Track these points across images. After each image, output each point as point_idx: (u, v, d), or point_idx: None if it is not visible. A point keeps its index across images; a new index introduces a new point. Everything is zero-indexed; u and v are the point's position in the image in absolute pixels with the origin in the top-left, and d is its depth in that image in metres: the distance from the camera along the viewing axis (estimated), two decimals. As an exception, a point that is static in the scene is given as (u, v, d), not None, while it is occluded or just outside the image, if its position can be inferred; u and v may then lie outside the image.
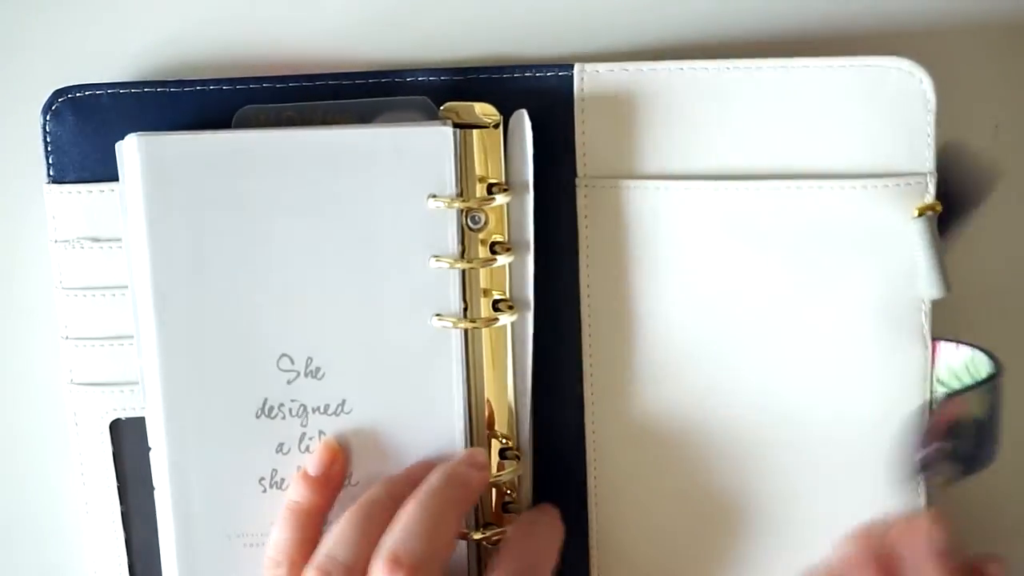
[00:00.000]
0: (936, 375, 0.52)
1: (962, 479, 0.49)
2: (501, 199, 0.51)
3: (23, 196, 0.55)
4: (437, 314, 0.51)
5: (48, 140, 0.52)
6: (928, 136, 0.51)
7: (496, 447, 0.52)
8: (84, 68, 0.54)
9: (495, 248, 0.51)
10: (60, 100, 0.52)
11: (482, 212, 0.51)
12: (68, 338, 0.53)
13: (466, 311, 0.51)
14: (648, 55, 0.53)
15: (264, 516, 0.51)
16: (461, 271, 0.51)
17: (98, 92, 0.52)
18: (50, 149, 0.52)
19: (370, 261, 0.51)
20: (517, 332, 0.52)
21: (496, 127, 0.51)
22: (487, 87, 0.52)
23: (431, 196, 0.50)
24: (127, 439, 0.54)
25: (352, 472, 0.52)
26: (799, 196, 0.51)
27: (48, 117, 0.52)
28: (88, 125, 0.52)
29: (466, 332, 0.51)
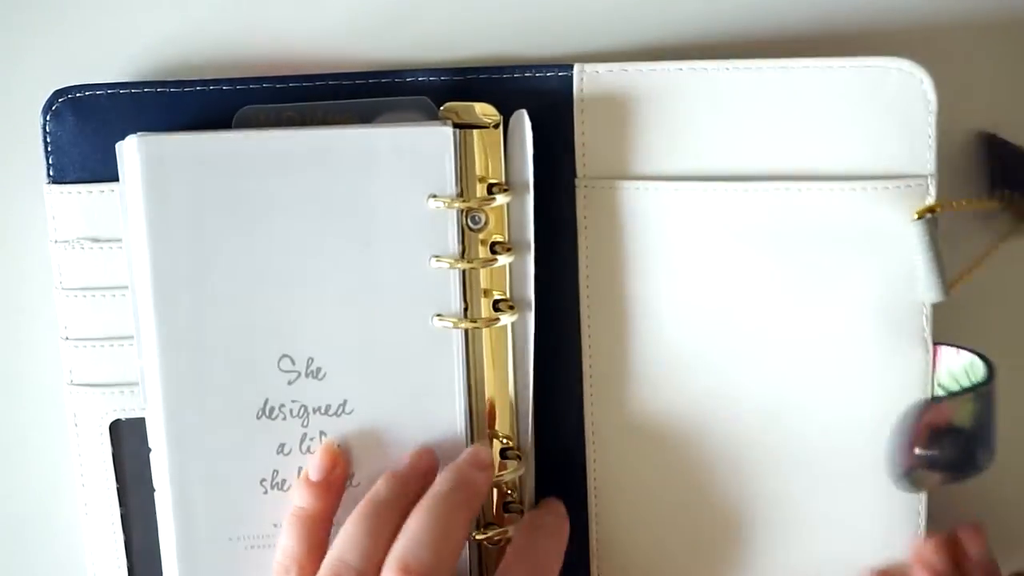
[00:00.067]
0: (937, 379, 0.52)
1: (952, 484, 0.49)
2: (501, 199, 0.51)
3: (23, 196, 0.54)
4: (438, 314, 0.51)
5: (48, 140, 0.52)
6: (929, 137, 0.51)
7: (497, 447, 0.52)
8: (84, 68, 0.54)
9: (495, 248, 0.51)
10: (60, 100, 0.52)
11: (482, 212, 0.51)
12: (68, 339, 0.53)
13: (466, 311, 0.51)
14: (648, 55, 0.53)
15: (265, 517, 0.51)
16: (461, 271, 0.51)
17: (98, 92, 0.52)
18: (50, 149, 0.52)
19: (370, 261, 0.51)
20: (518, 332, 0.52)
21: (496, 127, 0.51)
22: (487, 87, 0.52)
23: (431, 196, 0.50)
24: (127, 440, 0.54)
25: (354, 473, 0.51)
26: (799, 197, 0.51)
27: (48, 117, 0.52)
28: (88, 125, 0.52)
29: (467, 332, 0.51)
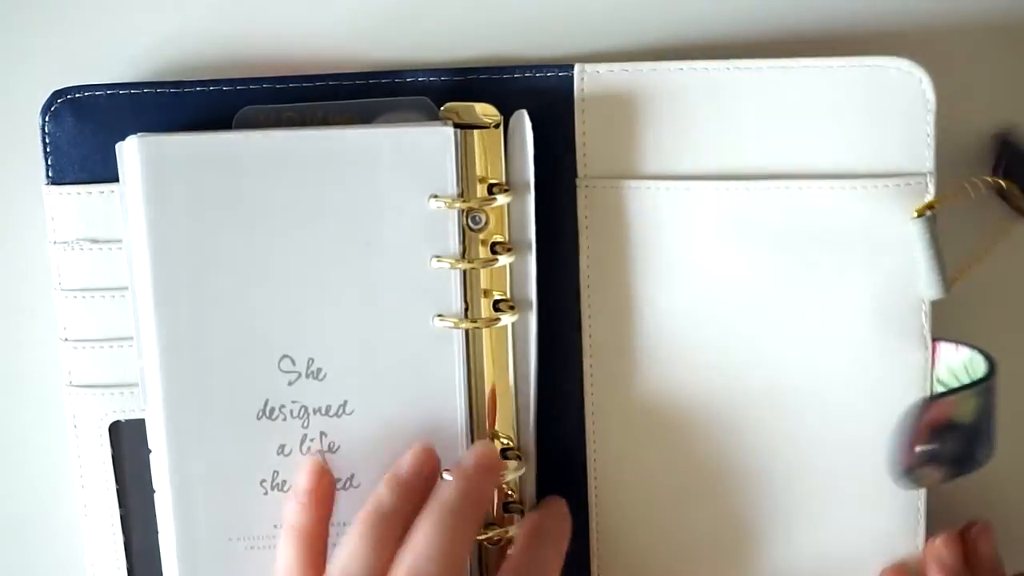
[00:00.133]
0: (936, 375, 0.52)
1: (953, 480, 0.49)
2: (502, 199, 0.51)
3: (22, 197, 0.54)
4: (438, 314, 0.51)
5: (47, 141, 0.52)
6: (928, 136, 0.51)
7: (498, 447, 0.52)
8: (83, 69, 0.53)
9: (496, 248, 0.51)
10: (59, 101, 0.52)
11: (483, 212, 0.51)
12: (67, 340, 0.53)
13: (467, 311, 0.51)
14: (648, 56, 0.53)
15: (266, 518, 0.51)
16: (462, 271, 0.51)
17: (97, 93, 0.52)
18: (49, 150, 0.52)
19: (371, 262, 0.51)
20: (519, 332, 0.52)
21: (496, 127, 0.51)
22: (487, 87, 0.52)
23: (432, 196, 0.50)
24: (126, 441, 0.53)
25: (354, 474, 0.51)
26: (799, 196, 0.51)
27: (47, 118, 0.52)
28: (87, 126, 0.52)
29: (467, 332, 0.51)
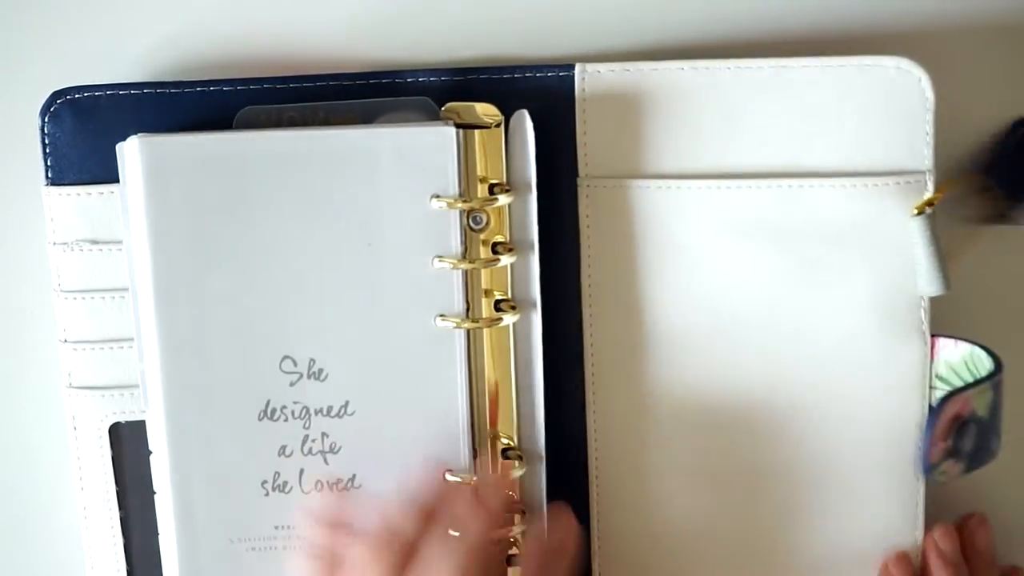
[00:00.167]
0: (935, 371, 0.52)
1: (970, 472, 0.50)
2: (504, 199, 0.51)
3: (21, 198, 0.54)
4: (440, 315, 0.51)
5: (46, 142, 0.52)
6: (927, 134, 0.51)
7: (498, 447, 0.52)
8: (83, 69, 0.53)
9: (497, 248, 0.51)
10: (59, 102, 0.51)
11: (484, 212, 0.51)
12: (67, 341, 0.53)
13: (468, 311, 0.51)
14: (649, 55, 0.53)
15: (267, 519, 0.51)
16: (463, 272, 0.51)
17: (97, 93, 0.51)
18: (48, 151, 0.52)
19: (372, 262, 0.51)
20: (523, 332, 0.52)
21: (497, 127, 0.51)
22: (488, 87, 0.52)
23: (434, 196, 0.50)
24: (126, 443, 0.53)
25: (355, 474, 0.51)
26: (799, 194, 0.51)
27: (46, 119, 0.51)
28: (87, 127, 0.52)
29: (468, 333, 0.51)
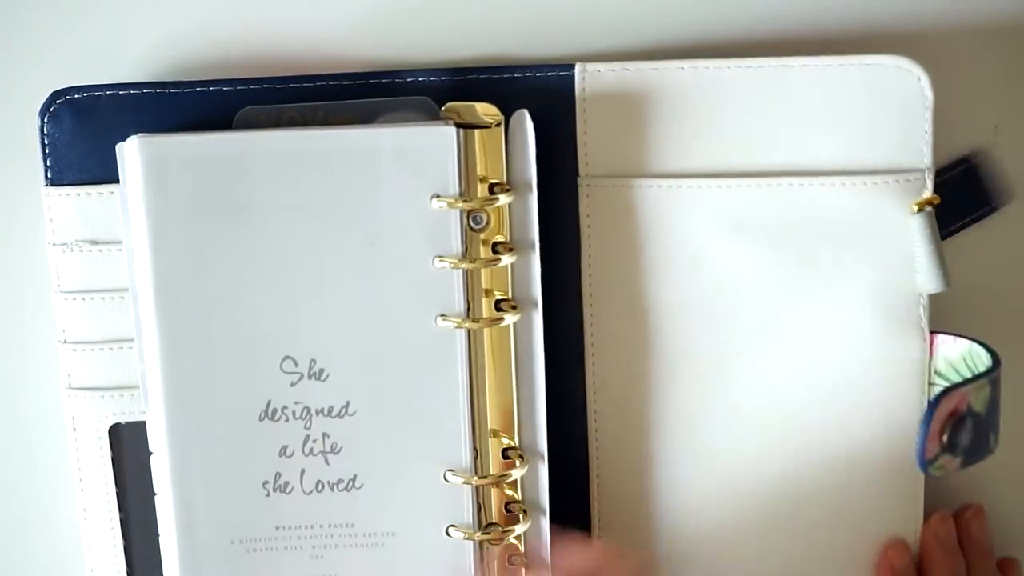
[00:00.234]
0: (934, 367, 0.52)
1: (967, 467, 0.50)
2: (504, 199, 0.51)
3: (21, 199, 0.54)
4: (441, 315, 0.51)
5: (46, 142, 0.52)
6: (926, 132, 0.51)
7: (499, 447, 0.52)
8: (83, 69, 0.53)
9: (497, 248, 0.51)
10: (58, 102, 0.51)
11: (484, 212, 0.51)
12: (66, 342, 0.53)
13: (469, 311, 0.51)
14: (649, 55, 0.53)
15: (268, 520, 0.51)
16: (464, 271, 0.51)
17: (96, 94, 0.51)
18: (48, 151, 0.52)
19: (373, 262, 0.51)
20: (524, 332, 0.52)
21: (497, 127, 0.51)
22: (488, 87, 0.52)
23: (434, 196, 0.50)
24: (126, 444, 0.53)
25: (357, 475, 0.51)
26: (800, 193, 0.51)
27: (46, 119, 0.51)
28: (86, 127, 0.51)
29: (469, 332, 0.51)
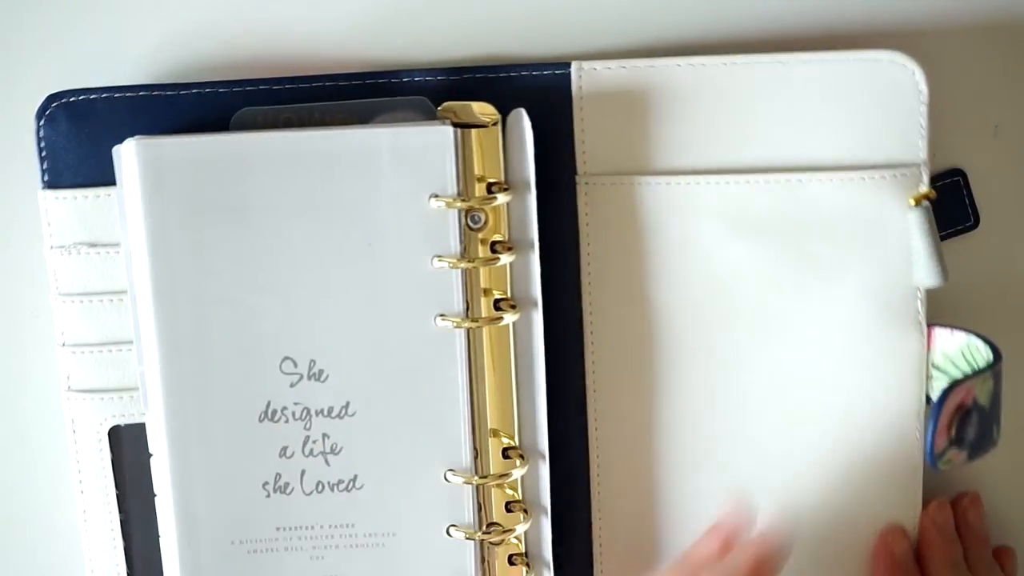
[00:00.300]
0: (932, 360, 0.52)
1: (972, 460, 0.50)
2: (502, 198, 0.51)
3: (18, 202, 0.54)
4: (440, 314, 0.51)
5: (42, 145, 0.52)
6: (921, 127, 0.51)
7: (499, 446, 0.52)
8: (79, 72, 0.53)
9: (496, 247, 0.51)
10: (54, 105, 0.51)
11: (482, 211, 0.51)
12: (65, 345, 0.53)
13: (468, 311, 0.51)
14: (645, 53, 0.53)
15: (268, 521, 0.51)
16: (462, 271, 0.51)
17: (92, 96, 0.51)
18: (44, 154, 0.52)
19: (371, 262, 0.51)
20: (523, 331, 0.52)
21: (495, 126, 0.51)
22: (485, 86, 0.52)
23: (432, 196, 0.50)
24: (126, 446, 0.53)
25: (357, 475, 0.51)
26: (798, 188, 0.52)
27: (42, 122, 0.51)
28: (83, 130, 0.51)
29: (468, 332, 0.51)
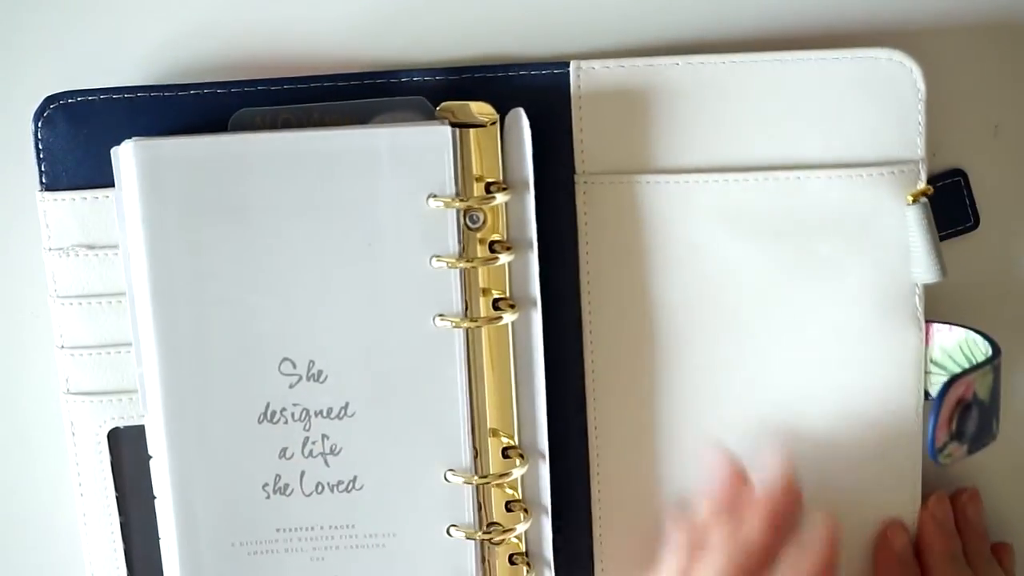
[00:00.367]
0: (930, 356, 0.53)
1: (972, 454, 0.50)
2: (501, 198, 0.51)
3: (16, 204, 0.54)
4: (439, 314, 0.51)
5: (40, 147, 0.51)
6: (919, 124, 0.51)
7: (499, 446, 0.52)
8: (78, 74, 0.53)
9: (494, 247, 0.51)
10: (52, 107, 0.51)
11: (481, 211, 0.51)
12: (63, 347, 0.52)
13: (466, 311, 0.51)
14: (643, 52, 0.53)
15: (268, 523, 0.51)
16: (461, 271, 0.51)
17: (90, 98, 0.51)
18: (42, 156, 0.52)
19: (370, 263, 0.50)
20: (522, 331, 0.52)
21: (493, 125, 0.51)
22: (483, 86, 0.52)
23: (431, 196, 0.50)
24: (125, 448, 0.53)
25: (357, 476, 0.51)
26: (795, 186, 0.52)
27: (40, 124, 0.51)
28: (81, 131, 0.51)
29: (467, 332, 0.51)
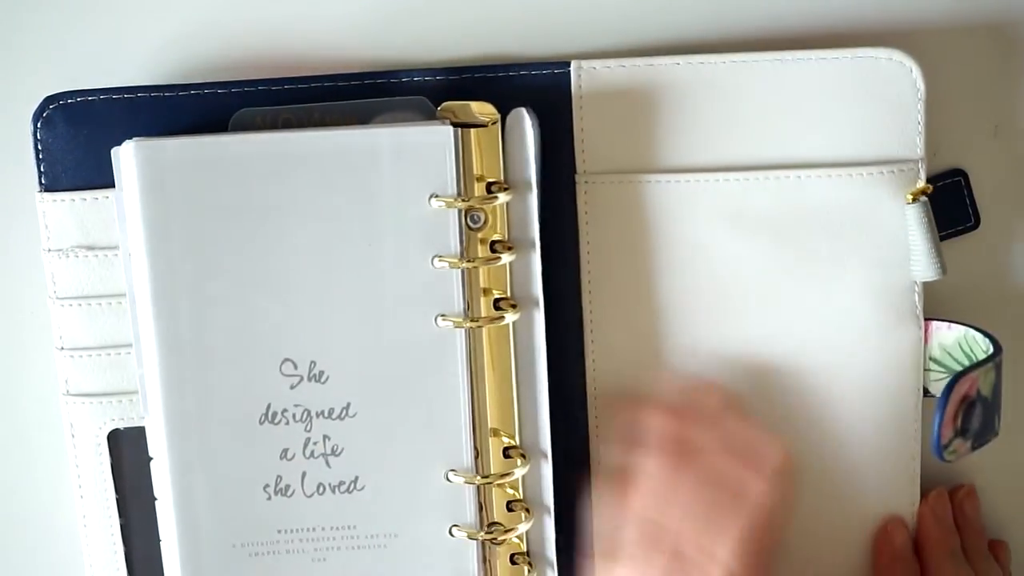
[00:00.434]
0: (929, 353, 0.53)
1: (975, 451, 0.50)
2: (502, 198, 0.51)
3: (15, 205, 0.54)
4: (441, 315, 0.51)
5: (39, 148, 0.51)
6: (919, 123, 0.52)
7: (500, 446, 0.52)
8: (78, 73, 0.53)
9: (495, 247, 0.51)
10: (51, 107, 0.51)
11: (482, 211, 0.51)
12: (63, 348, 0.52)
13: (467, 311, 0.51)
14: (644, 52, 0.53)
15: (269, 524, 0.51)
16: (463, 271, 0.51)
17: (90, 98, 0.51)
18: (42, 157, 0.51)
19: (371, 263, 0.50)
20: (524, 331, 0.52)
21: (494, 125, 0.51)
22: (484, 86, 0.52)
23: (432, 196, 0.50)
24: (126, 450, 0.53)
25: (358, 476, 0.51)
26: (795, 185, 0.52)
27: (39, 124, 0.51)
28: (81, 132, 0.51)
29: (469, 332, 0.51)
